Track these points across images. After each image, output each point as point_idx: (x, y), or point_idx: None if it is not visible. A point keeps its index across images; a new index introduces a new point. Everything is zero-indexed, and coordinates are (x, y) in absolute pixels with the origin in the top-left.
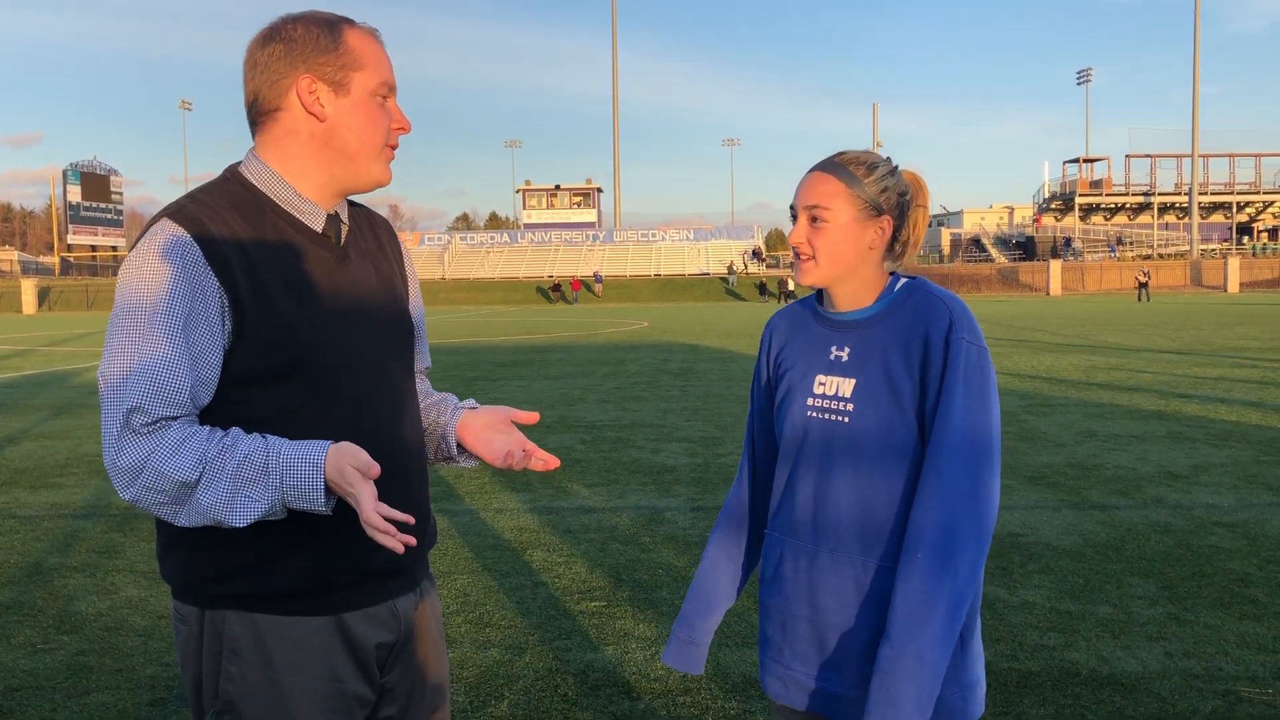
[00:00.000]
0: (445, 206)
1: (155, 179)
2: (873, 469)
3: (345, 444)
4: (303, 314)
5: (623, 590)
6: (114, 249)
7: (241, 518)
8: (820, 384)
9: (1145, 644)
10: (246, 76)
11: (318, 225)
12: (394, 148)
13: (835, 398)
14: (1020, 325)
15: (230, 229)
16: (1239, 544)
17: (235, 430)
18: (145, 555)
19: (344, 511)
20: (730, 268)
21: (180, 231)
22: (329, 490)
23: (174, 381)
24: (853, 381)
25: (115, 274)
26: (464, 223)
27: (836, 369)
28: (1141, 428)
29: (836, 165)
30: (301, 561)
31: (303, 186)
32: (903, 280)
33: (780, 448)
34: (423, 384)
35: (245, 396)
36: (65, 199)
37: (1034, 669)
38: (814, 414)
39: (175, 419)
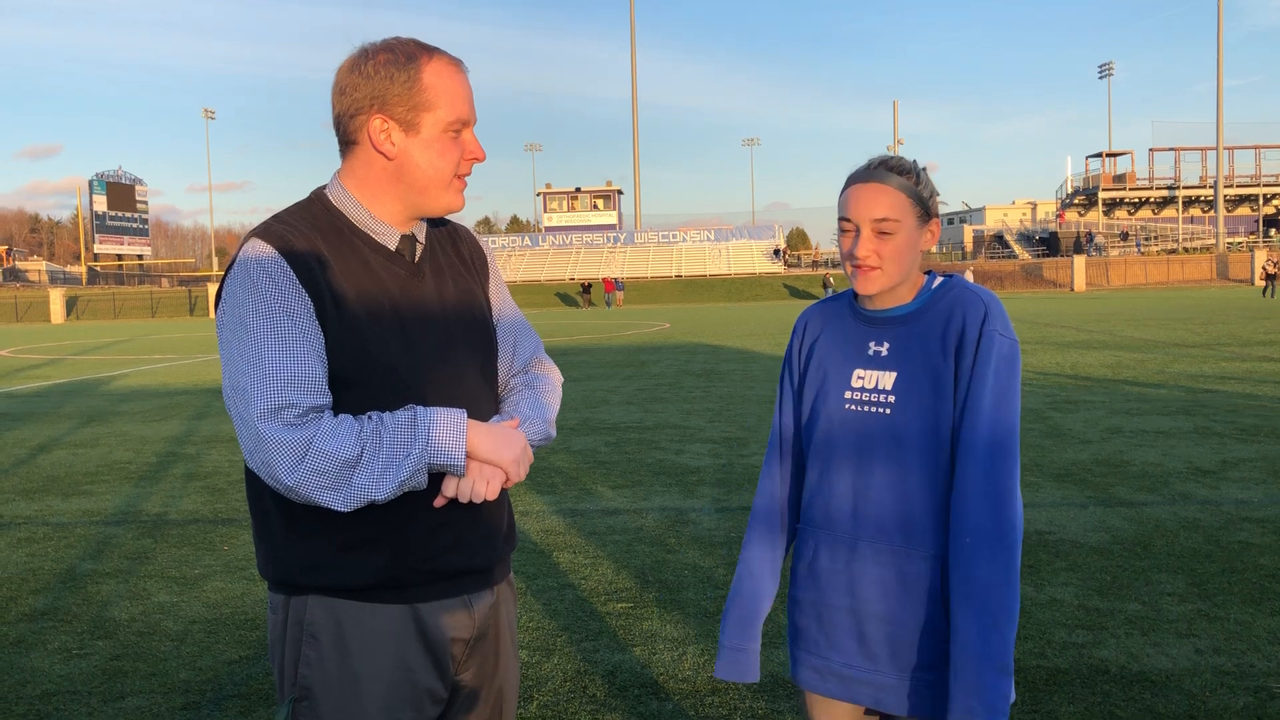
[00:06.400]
0: (466, 210)
1: (175, 188)
2: (914, 459)
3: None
4: (371, 325)
5: (649, 591)
6: (140, 258)
7: (394, 480)
8: (859, 378)
9: (1175, 641)
10: (333, 99)
11: (391, 244)
12: (465, 176)
13: (875, 390)
14: (1045, 323)
15: (311, 244)
16: (1269, 539)
17: (375, 413)
18: (176, 561)
19: (421, 511)
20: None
21: (267, 249)
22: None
23: (308, 371)
24: (894, 375)
25: (141, 283)
26: (485, 226)
27: (875, 363)
28: (1169, 423)
29: (892, 175)
30: (377, 560)
31: (377, 210)
32: (939, 278)
33: (812, 441)
34: (523, 376)
35: None
36: (91, 209)
37: (1063, 666)
38: (852, 406)
39: (322, 409)
